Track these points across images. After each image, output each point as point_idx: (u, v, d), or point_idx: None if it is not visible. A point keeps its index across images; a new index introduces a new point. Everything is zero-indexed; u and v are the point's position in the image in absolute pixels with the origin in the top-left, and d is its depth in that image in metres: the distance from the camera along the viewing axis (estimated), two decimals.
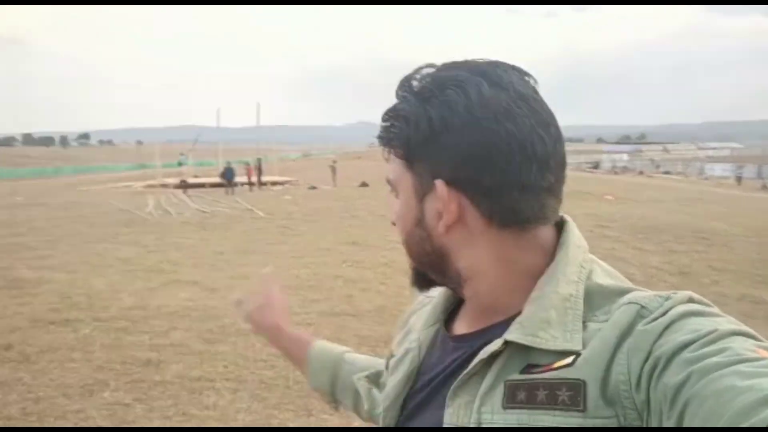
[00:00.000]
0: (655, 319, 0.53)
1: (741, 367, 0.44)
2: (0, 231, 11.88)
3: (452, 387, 0.62)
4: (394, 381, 0.73)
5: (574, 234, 0.66)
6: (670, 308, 0.54)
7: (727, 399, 0.42)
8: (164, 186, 25.78)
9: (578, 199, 19.08)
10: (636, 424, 0.51)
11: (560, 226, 0.67)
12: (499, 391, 0.58)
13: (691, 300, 0.56)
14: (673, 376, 0.47)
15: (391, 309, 6.10)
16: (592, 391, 0.53)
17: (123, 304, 6.13)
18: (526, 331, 0.59)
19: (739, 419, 0.40)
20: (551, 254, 0.64)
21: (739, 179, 44.82)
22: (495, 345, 0.59)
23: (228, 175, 24.12)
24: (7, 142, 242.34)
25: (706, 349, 0.47)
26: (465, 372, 0.61)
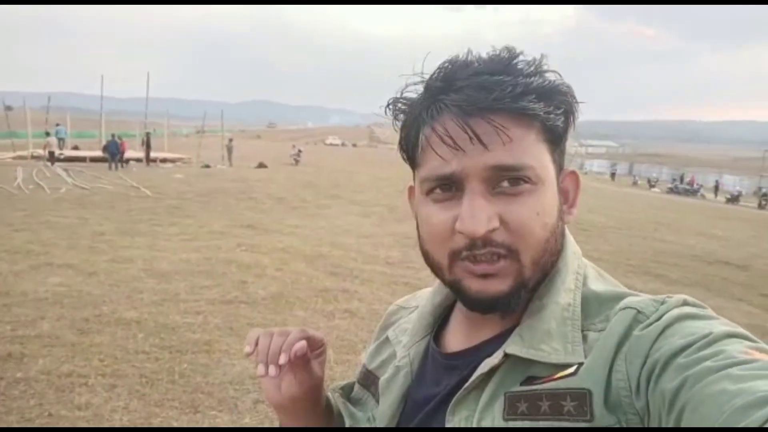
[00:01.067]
0: (651, 323, 0.53)
1: (733, 370, 0.44)
2: None
3: (451, 403, 0.61)
4: (389, 401, 0.70)
5: (570, 240, 0.66)
6: (665, 312, 0.54)
7: (719, 404, 0.42)
8: (36, 158, 23.39)
9: None
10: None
11: None
12: (499, 404, 0.57)
13: (685, 303, 0.56)
14: (669, 382, 0.47)
15: (287, 296, 5.93)
16: (597, 400, 0.52)
17: None
18: (526, 344, 0.58)
19: (730, 424, 0.40)
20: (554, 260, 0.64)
21: (613, 175, 49.03)
22: (495, 358, 0.59)
23: (112, 148, 22.33)
24: None
25: (700, 354, 0.48)
26: (464, 387, 0.60)
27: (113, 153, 22.17)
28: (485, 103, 0.56)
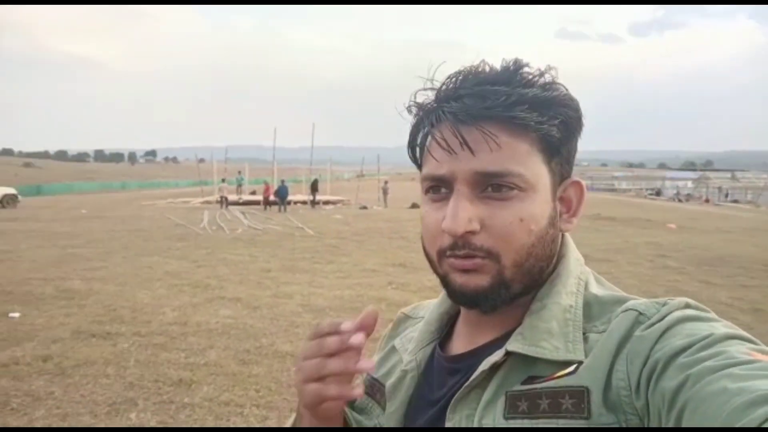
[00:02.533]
0: (653, 324, 0.54)
1: (734, 370, 0.44)
2: (61, 242, 12.35)
3: (452, 400, 0.62)
4: (395, 404, 0.71)
5: (573, 246, 0.68)
6: (667, 314, 0.54)
7: (719, 402, 0.42)
8: (219, 203, 26.42)
9: (638, 227, 18.26)
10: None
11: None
12: (500, 403, 0.58)
13: (687, 306, 0.56)
14: (669, 381, 0.47)
15: None
16: (595, 398, 0.53)
17: (164, 318, 6.11)
18: (527, 342, 0.59)
19: (731, 422, 0.40)
20: (554, 264, 0.66)
21: None
22: (496, 356, 0.60)
23: (281, 192, 24.47)
24: (81, 158, 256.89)
25: (701, 354, 0.48)
26: (466, 385, 0.61)
27: (283, 197, 24.27)
28: (477, 112, 0.59)
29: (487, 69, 0.63)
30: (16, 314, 6.00)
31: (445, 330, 0.75)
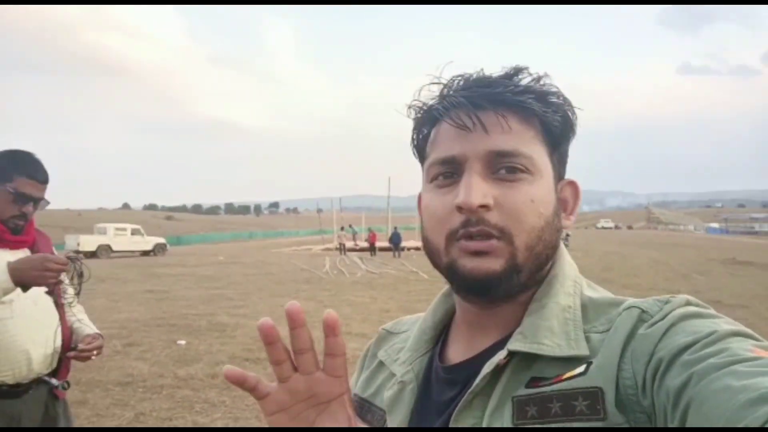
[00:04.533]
0: (656, 322, 0.54)
1: (737, 367, 0.44)
2: (206, 284, 13.92)
3: (456, 409, 0.59)
4: (399, 418, 0.67)
5: (566, 251, 0.68)
6: (670, 311, 0.54)
7: (722, 400, 0.42)
8: (338, 250, 27.86)
9: None
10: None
11: None
12: (508, 409, 0.56)
13: (689, 303, 0.56)
14: (674, 379, 0.47)
15: None
16: (609, 398, 0.51)
17: None
18: (528, 340, 0.58)
19: (734, 419, 0.40)
20: (549, 267, 0.66)
21: None
22: (499, 357, 0.58)
23: (395, 239, 25.41)
24: (213, 211, 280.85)
25: (705, 351, 0.47)
26: (469, 391, 0.59)
27: (396, 243, 25.16)
28: (489, 96, 0.61)
29: (487, 74, 0.65)
30: (183, 342, 7.07)
31: (440, 339, 0.72)
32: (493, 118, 0.61)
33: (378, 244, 27.36)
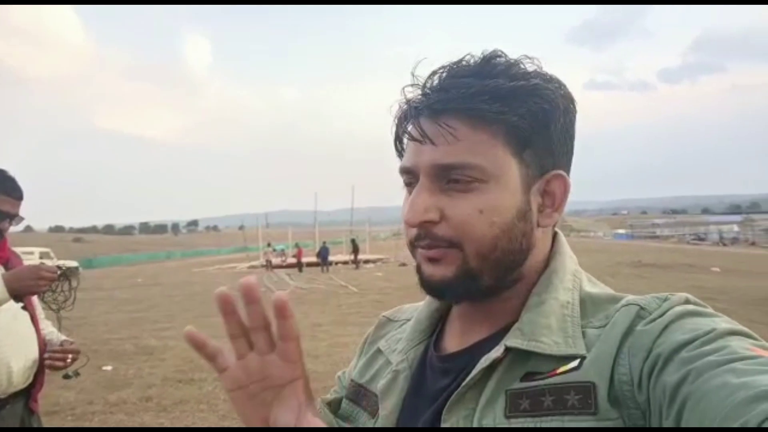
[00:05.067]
0: (654, 319, 0.53)
1: (736, 365, 0.44)
2: (127, 307, 13.32)
3: (448, 402, 0.59)
4: (390, 405, 0.68)
5: (566, 244, 0.68)
6: (669, 309, 0.54)
7: (721, 397, 0.41)
8: (265, 267, 27.40)
9: (680, 271, 18.21)
10: (640, 424, 0.50)
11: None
12: (500, 402, 0.56)
13: (688, 301, 0.56)
14: (671, 375, 0.47)
15: None
16: (602, 393, 0.51)
17: None
18: (527, 337, 0.58)
19: (734, 417, 0.39)
20: (546, 260, 0.65)
21: None
22: (496, 352, 0.58)
23: (323, 254, 25.36)
24: (126, 231, 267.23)
25: (703, 348, 0.47)
26: (463, 384, 0.59)
27: (324, 258, 25.11)
28: (437, 105, 0.59)
29: (467, 61, 0.62)
30: (109, 367, 6.77)
31: (437, 328, 0.73)
32: (437, 130, 0.59)
33: (305, 259, 27.19)
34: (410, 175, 0.63)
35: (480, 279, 0.61)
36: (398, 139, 0.67)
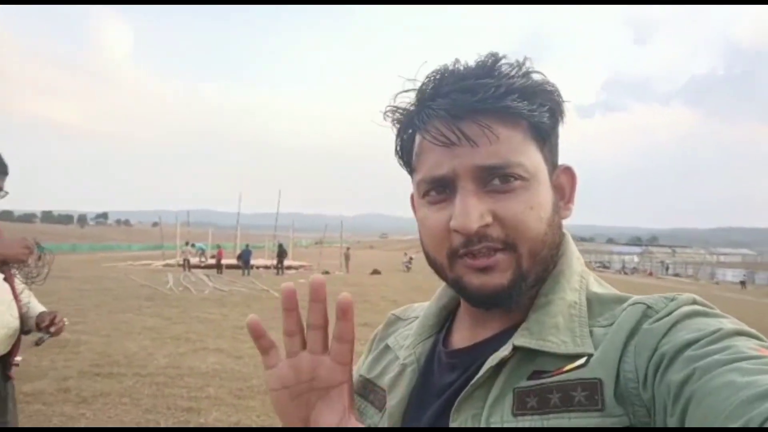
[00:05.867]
0: (661, 318, 0.54)
1: (742, 364, 0.44)
2: None
3: (457, 400, 0.59)
4: (396, 398, 0.68)
5: (572, 245, 0.67)
6: (676, 308, 0.54)
7: (726, 395, 0.42)
8: (181, 266, 26.52)
9: None
10: (645, 422, 0.50)
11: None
12: (508, 400, 0.56)
13: (695, 302, 0.56)
14: (676, 373, 0.47)
15: None
16: (608, 390, 0.51)
17: (158, 363, 6.69)
18: (534, 336, 0.58)
19: (738, 415, 0.40)
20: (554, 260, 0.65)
21: (743, 283, 44.68)
22: (504, 351, 0.58)
23: (245, 256, 24.93)
24: (27, 218, 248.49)
25: (709, 348, 0.47)
26: (471, 383, 0.59)
27: (246, 261, 24.68)
28: (470, 105, 0.57)
29: (464, 66, 0.61)
30: (19, 357, 6.45)
31: (445, 324, 0.73)
32: (477, 130, 0.57)
33: (225, 261, 26.59)
34: (441, 184, 0.60)
35: (528, 278, 0.60)
36: (404, 150, 0.65)
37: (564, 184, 0.66)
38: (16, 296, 2.21)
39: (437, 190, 0.61)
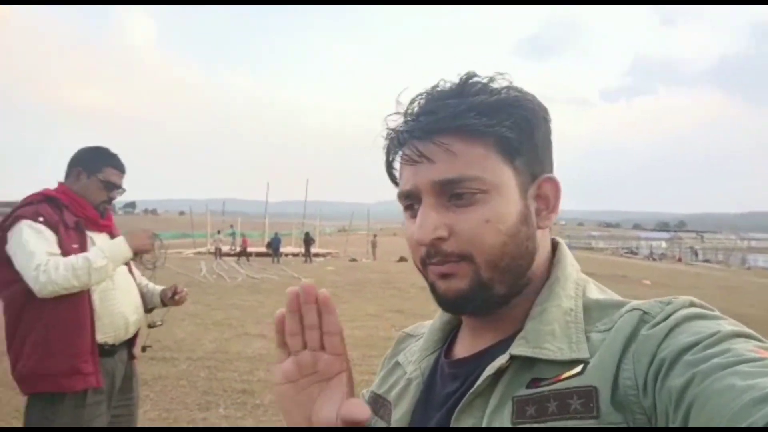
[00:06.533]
0: (658, 323, 0.54)
1: (742, 367, 0.44)
2: None
3: (457, 410, 0.61)
4: (401, 411, 0.71)
5: (568, 253, 0.69)
6: (673, 312, 0.54)
7: (727, 399, 0.42)
8: (212, 254, 27.05)
9: (614, 282, 19.25)
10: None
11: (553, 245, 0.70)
12: (507, 409, 0.57)
13: (692, 304, 0.56)
14: (677, 379, 0.47)
15: None
16: (604, 397, 0.52)
17: (207, 348, 6.97)
18: (531, 345, 0.59)
19: (738, 419, 0.40)
20: (549, 267, 0.67)
21: None
22: (501, 360, 0.59)
23: (275, 244, 25.31)
24: None
25: (708, 351, 0.47)
26: (470, 392, 0.60)
27: (276, 248, 25.06)
28: (430, 127, 0.61)
29: (444, 86, 0.65)
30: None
31: (449, 339, 0.75)
32: (434, 148, 0.61)
33: (255, 249, 27.02)
34: (410, 198, 0.65)
35: (493, 288, 0.62)
36: (390, 167, 0.70)
37: (548, 193, 0.67)
38: (136, 284, 2.48)
39: (409, 206, 0.66)
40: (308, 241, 27.15)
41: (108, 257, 2.14)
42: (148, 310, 2.59)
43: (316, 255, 29.03)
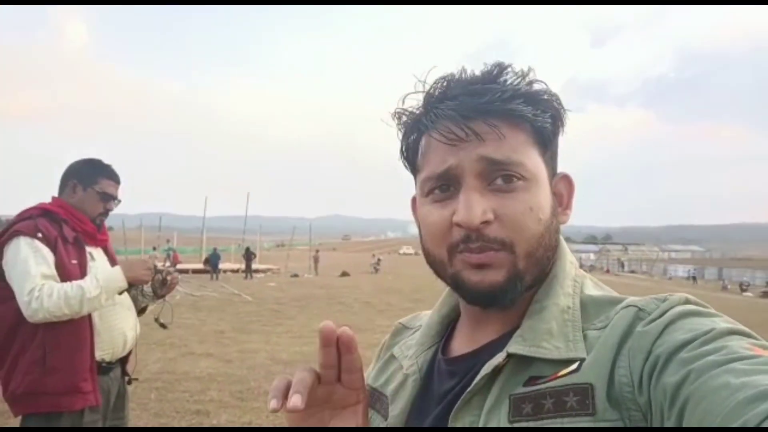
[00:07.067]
0: (654, 320, 0.54)
1: (736, 365, 0.44)
2: None
3: (455, 408, 0.61)
4: (399, 407, 0.70)
5: (567, 249, 0.68)
6: (668, 309, 0.54)
7: (722, 397, 0.42)
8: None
9: None
10: (642, 426, 0.50)
11: None
12: (504, 407, 0.57)
13: (687, 301, 0.56)
14: (671, 376, 0.47)
15: None
16: (600, 394, 0.52)
17: (152, 368, 6.71)
18: (528, 343, 0.59)
19: (732, 417, 0.40)
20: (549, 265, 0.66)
21: (694, 279, 46.85)
22: (498, 358, 0.59)
23: (213, 260, 24.68)
24: None
25: (703, 348, 0.47)
26: (468, 390, 0.60)
27: (215, 265, 24.44)
28: (479, 106, 0.60)
29: (470, 74, 0.64)
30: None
31: (446, 333, 0.74)
32: (486, 128, 0.60)
33: (192, 266, 26.20)
34: (444, 179, 0.62)
35: (524, 279, 0.61)
36: (409, 151, 0.67)
37: (563, 191, 0.68)
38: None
39: (441, 188, 0.63)
40: (249, 256, 26.70)
41: (102, 287, 2.12)
42: (141, 310, 2.56)
43: (257, 271, 28.50)
